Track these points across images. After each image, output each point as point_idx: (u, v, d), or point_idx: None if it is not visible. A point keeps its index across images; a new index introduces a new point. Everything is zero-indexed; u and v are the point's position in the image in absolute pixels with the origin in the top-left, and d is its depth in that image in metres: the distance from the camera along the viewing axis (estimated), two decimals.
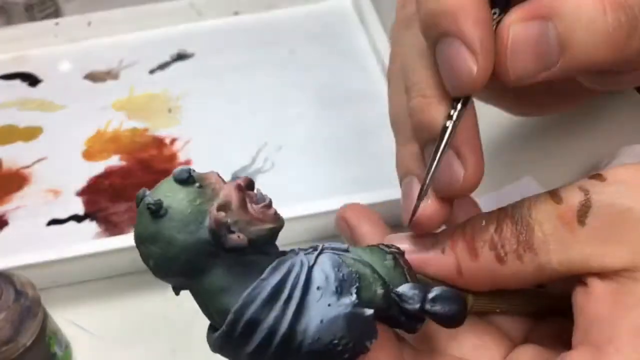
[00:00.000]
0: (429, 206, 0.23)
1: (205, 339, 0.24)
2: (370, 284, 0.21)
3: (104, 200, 0.48)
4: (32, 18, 0.64)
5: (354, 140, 0.51)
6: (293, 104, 0.54)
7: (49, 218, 0.47)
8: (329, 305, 0.20)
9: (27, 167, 0.51)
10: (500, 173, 0.48)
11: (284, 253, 0.21)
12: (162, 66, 0.59)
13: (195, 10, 0.63)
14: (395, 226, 0.28)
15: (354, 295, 0.20)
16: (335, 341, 0.20)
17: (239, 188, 0.20)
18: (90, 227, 0.46)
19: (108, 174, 0.50)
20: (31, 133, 0.54)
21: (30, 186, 0.49)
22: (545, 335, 0.25)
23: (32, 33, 0.61)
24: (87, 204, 0.47)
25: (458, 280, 0.23)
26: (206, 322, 0.42)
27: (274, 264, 0.20)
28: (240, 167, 0.49)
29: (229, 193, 0.20)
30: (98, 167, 0.50)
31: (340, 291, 0.20)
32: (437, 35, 0.21)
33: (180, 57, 0.60)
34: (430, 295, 0.22)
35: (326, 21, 0.63)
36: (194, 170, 0.20)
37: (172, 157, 0.51)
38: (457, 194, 0.23)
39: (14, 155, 0.52)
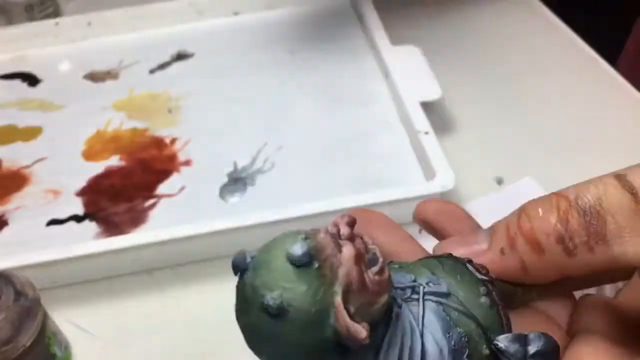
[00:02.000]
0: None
1: (203, 340, 0.24)
2: (476, 344, 0.20)
3: (103, 201, 0.47)
4: (32, 18, 0.64)
5: (353, 141, 0.51)
6: (293, 104, 0.54)
7: (48, 218, 0.46)
8: None
9: (27, 167, 0.51)
10: (500, 174, 0.48)
11: (388, 310, 0.19)
12: (162, 66, 0.59)
13: (196, 11, 0.63)
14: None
15: None
16: None
17: (358, 259, 0.17)
18: (90, 227, 0.46)
19: (108, 174, 0.50)
20: (31, 133, 0.54)
21: (30, 186, 0.49)
22: (592, 319, 0.24)
23: (32, 33, 0.62)
24: (86, 204, 0.47)
25: (524, 278, 0.22)
26: (205, 323, 0.42)
27: (386, 341, 0.18)
28: (240, 167, 0.49)
29: (349, 272, 0.17)
30: (98, 167, 0.50)
31: None
32: None
33: (180, 57, 0.60)
34: (531, 351, 0.20)
35: (326, 21, 0.63)
36: (307, 240, 0.17)
37: (172, 157, 0.51)
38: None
39: (13, 155, 0.52)
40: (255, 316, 0.17)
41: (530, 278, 0.22)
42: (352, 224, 0.18)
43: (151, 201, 0.47)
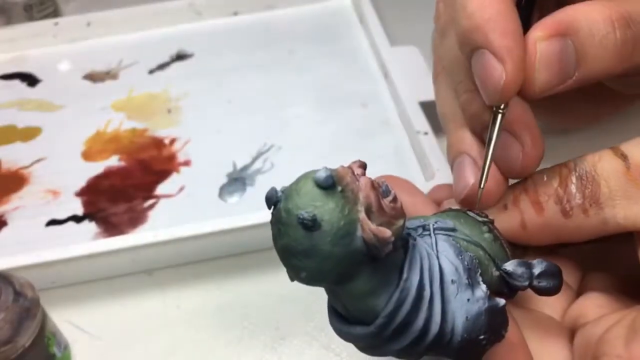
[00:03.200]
0: (487, 186, 0.24)
1: (203, 339, 0.24)
2: (486, 267, 0.23)
3: (103, 201, 0.47)
4: (31, 18, 0.64)
5: (353, 141, 0.51)
6: (293, 104, 0.54)
7: (48, 218, 0.46)
8: (468, 300, 0.21)
9: (26, 167, 0.51)
10: None
11: (403, 239, 0.21)
12: (162, 66, 0.59)
13: (195, 11, 0.63)
14: None
15: (484, 286, 0.21)
16: (481, 336, 0.21)
17: (374, 186, 0.19)
18: (89, 227, 0.46)
19: (107, 174, 0.50)
20: (30, 133, 0.54)
21: (29, 186, 0.49)
22: (601, 282, 0.26)
23: (31, 33, 0.61)
24: (86, 204, 0.47)
25: (521, 235, 0.24)
26: (205, 323, 0.42)
27: (408, 260, 0.21)
28: (240, 167, 0.49)
29: (367, 194, 0.19)
30: (97, 168, 0.50)
31: (471, 283, 0.21)
32: (470, 49, 0.23)
33: (180, 57, 0.60)
34: (536, 272, 0.23)
35: (326, 21, 0.63)
36: (330, 170, 0.19)
37: (172, 157, 0.51)
38: (519, 172, 0.24)
39: (13, 155, 0.52)
40: (292, 234, 0.19)
41: (527, 236, 0.24)
42: (363, 166, 0.20)
43: (150, 201, 0.47)
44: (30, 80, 0.59)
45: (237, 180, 0.48)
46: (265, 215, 0.41)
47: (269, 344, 0.39)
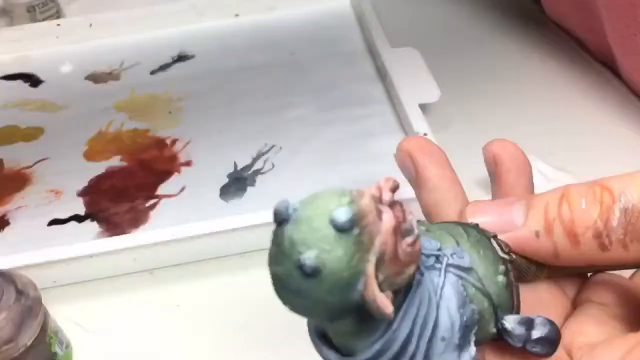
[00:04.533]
0: None
1: (204, 339, 0.24)
2: (486, 323, 0.21)
3: (104, 201, 0.48)
4: (34, 19, 0.64)
5: (353, 142, 0.51)
6: (293, 104, 0.55)
7: (50, 218, 0.47)
8: None
9: (29, 167, 0.51)
10: None
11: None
12: (163, 67, 0.60)
13: (196, 12, 0.64)
14: None
15: (474, 349, 0.20)
16: None
17: (396, 230, 0.17)
18: (91, 227, 0.46)
19: (109, 174, 0.50)
20: (33, 133, 0.54)
21: (31, 186, 0.49)
22: (601, 293, 0.24)
23: (34, 34, 0.62)
24: (88, 204, 0.48)
25: (553, 263, 0.22)
26: (206, 322, 0.42)
27: (404, 307, 0.19)
28: (241, 168, 0.49)
29: (385, 242, 0.17)
30: (99, 168, 0.50)
31: (461, 343, 0.20)
32: None
33: (181, 58, 0.60)
34: (534, 336, 0.21)
35: (326, 23, 0.63)
36: (352, 205, 0.17)
37: (173, 158, 0.51)
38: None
39: (15, 155, 0.52)
40: (288, 269, 0.17)
41: (559, 263, 0.22)
42: (394, 189, 0.18)
43: (152, 201, 0.47)
44: (33, 80, 0.59)
45: (238, 181, 0.49)
46: (265, 215, 0.42)
47: (269, 344, 0.39)
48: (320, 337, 0.21)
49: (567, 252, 0.22)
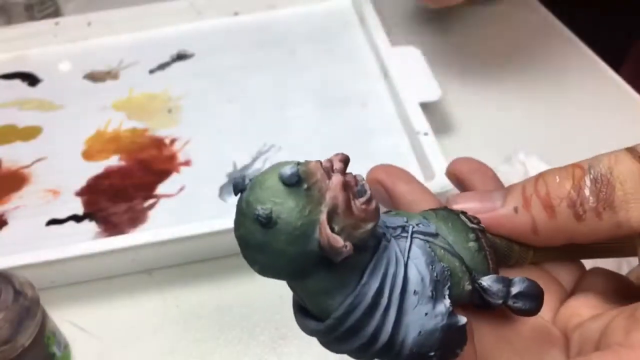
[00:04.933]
0: None
1: (203, 339, 0.24)
2: (459, 280, 0.22)
3: (103, 201, 0.47)
4: (32, 18, 0.64)
5: (353, 141, 0.51)
6: (293, 104, 0.54)
7: (48, 218, 0.46)
8: (426, 314, 0.20)
9: (27, 166, 0.51)
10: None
11: (376, 237, 0.20)
12: (162, 66, 0.59)
13: (195, 11, 0.63)
14: None
15: (448, 301, 0.21)
16: (431, 353, 0.20)
17: (345, 187, 0.19)
18: (90, 227, 0.46)
19: (107, 174, 0.50)
20: (31, 133, 0.54)
21: (29, 186, 0.49)
22: (595, 284, 0.25)
23: (32, 33, 0.62)
24: (86, 204, 0.47)
25: (532, 239, 0.24)
26: (205, 323, 0.42)
27: (372, 263, 0.20)
28: (240, 167, 0.49)
29: (335, 195, 0.18)
30: (97, 167, 0.50)
31: (435, 296, 0.20)
32: None
33: (180, 57, 0.60)
34: (514, 291, 0.22)
35: (326, 21, 0.63)
36: (299, 165, 0.19)
37: (172, 157, 0.51)
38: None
39: (13, 155, 0.52)
40: (248, 227, 0.19)
41: (538, 239, 0.23)
42: (345, 161, 0.20)
43: (151, 201, 0.47)
44: (31, 79, 0.59)
45: None
46: None
47: (269, 344, 0.39)
48: (301, 310, 0.22)
49: (545, 225, 0.23)
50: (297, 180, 0.18)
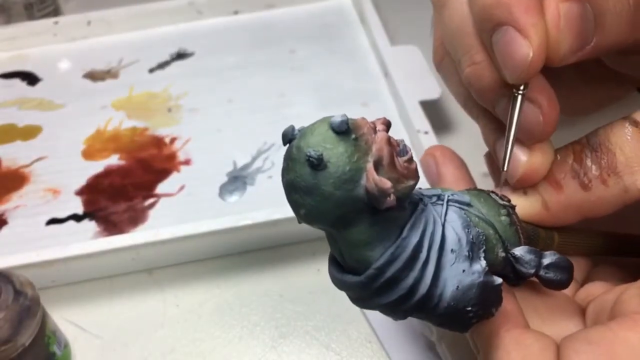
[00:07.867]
0: (529, 161, 0.24)
1: (203, 339, 0.24)
2: (493, 246, 0.23)
3: (103, 200, 0.47)
4: (31, 17, 0.64)
5: None
6: (293, 103, 0.54)
7: (48, 217, 0.46)
8: (463, 271, 0.21)
9: (27, 166, 0.51)
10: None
11: (413, 202, 0.21)
12: (162, 65, 0.59)
13: (195, 10, 0.63)
14: None
15: (484, 262, 0.21)
16: (468, 308, 0.21)
17: (390, 142, 0.20)
18: (90, 226, 0.46)
19: (107, 173, 0.50)
20: (30, 132, 0.54)
21: (29, 185, 0.49)
22: (605, 274, 0.26)
23: (31, 32, 0.61)
24: (86, 203, 0.47)
25: (546, 217, 0.24)
26: (205, 322, 0.42)
27: (412, 220, 0.21)
28: (240, 166, 0.49)
29: (381, 147, 0.19)
30: (97, 166, 0.50)
31: (471, 256, 0.21)
32: (492, 27, 0.22)
33: (180, 56, 0.60)
34: (545, 262, 0.23)
35: (326, 21, 0.63)
36: (349, 118, 0.20)
37: (172, 156, 0.51)
38: (541, 134, 0.24)
39: (13, 154, 0.52)
40: (298, 170, 0.19)
41: (552, 217, 0.24)
42: (387, 124, 0.21)
43: (151, 200, 0.47)
44: (31, 79, 0.59)
45: (237, 179, 0.48)
46: (265, 214, 0.42)
47: (269, 343, 0.39)
48: (337, 266, 0.22)
49: (555, 200, 0.24)
50: (347, 129, 0.19)
